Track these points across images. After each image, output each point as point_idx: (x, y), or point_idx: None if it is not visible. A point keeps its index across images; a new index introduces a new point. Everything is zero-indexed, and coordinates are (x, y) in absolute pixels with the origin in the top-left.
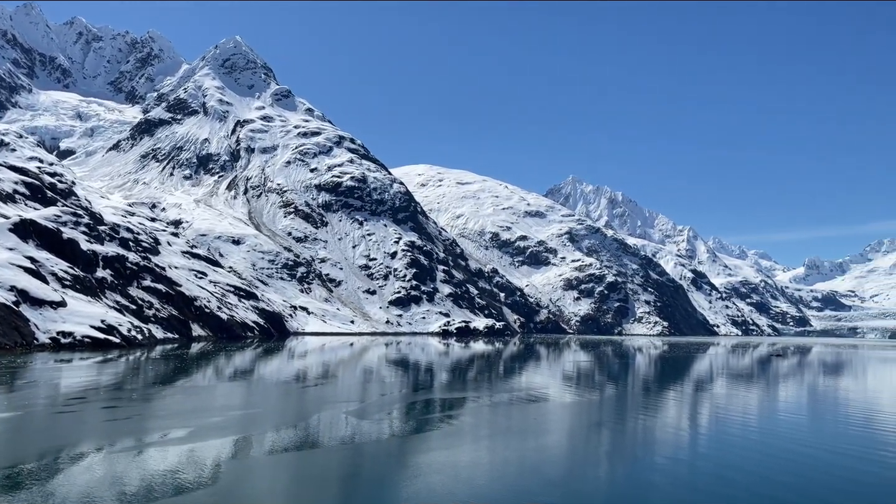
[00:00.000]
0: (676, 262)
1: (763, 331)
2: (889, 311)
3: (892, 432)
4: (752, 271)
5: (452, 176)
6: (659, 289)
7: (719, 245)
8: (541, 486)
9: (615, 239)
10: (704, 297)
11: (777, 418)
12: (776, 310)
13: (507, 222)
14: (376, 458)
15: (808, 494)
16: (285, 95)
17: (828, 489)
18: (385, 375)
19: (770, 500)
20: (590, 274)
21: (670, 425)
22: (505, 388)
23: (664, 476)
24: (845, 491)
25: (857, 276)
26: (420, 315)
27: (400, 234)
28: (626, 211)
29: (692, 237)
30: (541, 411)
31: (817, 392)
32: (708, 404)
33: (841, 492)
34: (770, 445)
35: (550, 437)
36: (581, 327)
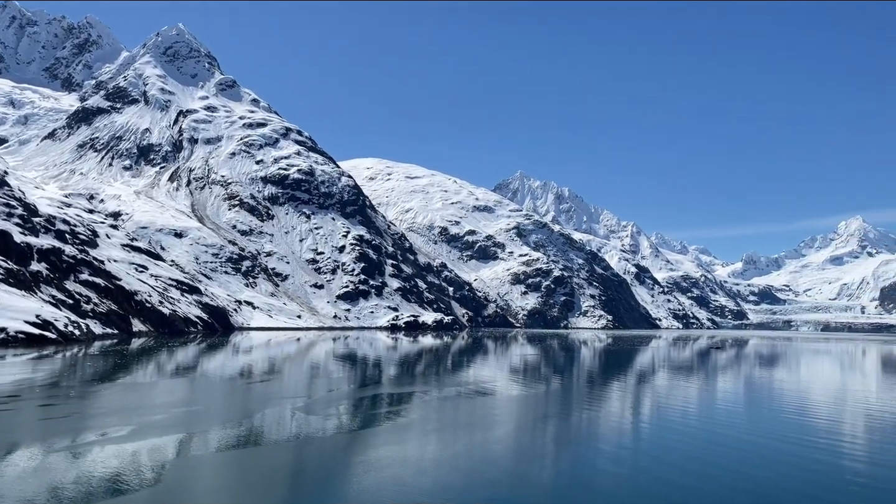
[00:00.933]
0: (621, 257)
1: (703, 324)
2: (821, 305)
3: (823, 420)
4: (693, 266)
5: (401, 170)
6: (604, 283)
7: (662, 240)
8: (488, 479)
9: (562, 234)
10: (647, 292)
11: (716, 409)
12: (715, 303)
13: (456, 217)
14: (323, 454)
15: (749, 481)
16: (230, 85)
17: (766, 473)
18: (333, 371)
19: (712, 489)
20: (537, 268)
21: (614, 417)
22: (453, 382)
23: (608, 468)
24: (783, 475)
25: (792, 271)
26: (368, 309)
27: (348, 227)
28: (573, 206)
29: (636, 233)
30: (488, 405)
31: (754, 383)
32: (650, 396)
33: (779, 475)
34: (710, 435)
35: (498, 431)
36: (528, 321)
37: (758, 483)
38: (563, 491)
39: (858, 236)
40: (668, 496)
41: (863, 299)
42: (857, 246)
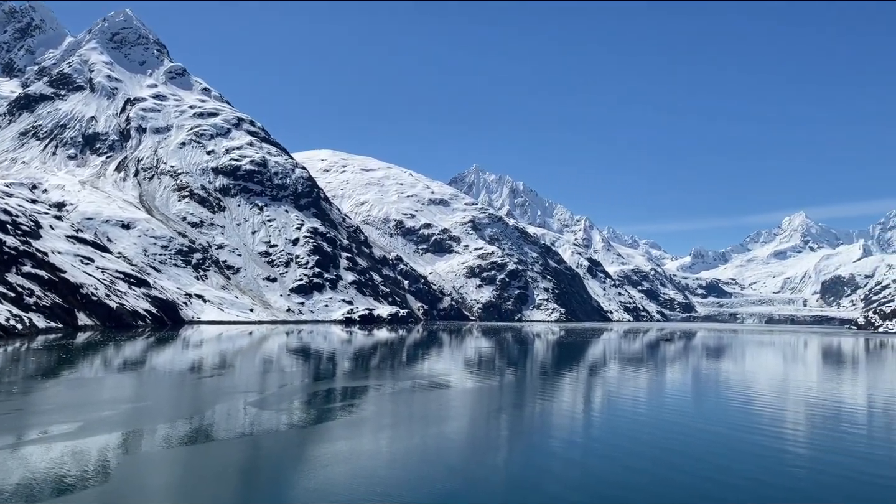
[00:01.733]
0: (574, 251)
1: (652, 317)
2: (765, 298)
3: (767, 408)
4: (644, 260)
5: (356, 162)
6: (557, 276)
7: (613, 235)
8: (442, 473)
9: (516, 228)
10: (599, 285)
11: (665, 398)
12: (665, 297)
13: (412, 210)
14: (277, 450)
15: (697, 465)
16: (180, 73)
17: (713, 458)
18: (286, 365)
19: (661, 474)
20: (492, 262)
21: (567, 407)
22: (408, 375)
23: (560, 458)
24: (729, 459)
25: (738, 265)
26: (323, 303)
27: (302, 220)
28: (527, 201)
29: (588, 227)
30: (444, 398)
31: (701, 373)
32: (602, 386)
33: (725, 459)
34: (660, 423)
35: (452, 424)
36: (483, 314)
37: (706, 466)
38: (518, 480)
39: (801, 232)
40: (619, 481)
41: (805, 293)
42: (799, 241)
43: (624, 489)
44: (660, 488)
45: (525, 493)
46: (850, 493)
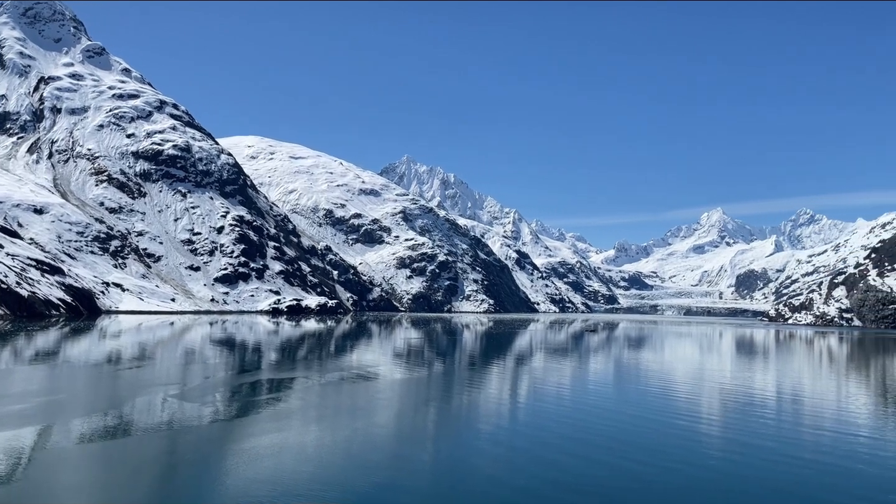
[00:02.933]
0: (503, 243)
1: (578, 308)
2: (684, 291)
3: (683, 397)
4: (570, 253)
5: (285, 149)
6: (486, 268)
7: (541, 228)
8: (369, 467)
9: (447, 219)
10: (527, 277)
11: (588, 388)
12: (589, 288)
13: (342, 199)
14: (199, 445)
15: (617, 455)
16: (98, 53)
17: (632, 447)
18: (209, 356)
19: (583, 462)
20: (422, 253)
21: (493, 398)
22: (336, 367)
23: (486, 448)
24: (646, 447)
25: (659, 259)
26: (249, 293)
27: (228, 207)
28: (458, 192)
29: (517, 219)
30: (372, 390)
31: (624, 363)
32: (528, 377)
33: (642, 448)
34: (583, 413)
35: (381, 416)
36: (413, 305)
37: (626, 457)
38: (443, 473)
39: (719, 227)
40: (543, 474)
41: (721, 286)
42: (717, 236)
43: (551, 476)
44: (585, 472)
45: (453, 483)
46: (760, 470)
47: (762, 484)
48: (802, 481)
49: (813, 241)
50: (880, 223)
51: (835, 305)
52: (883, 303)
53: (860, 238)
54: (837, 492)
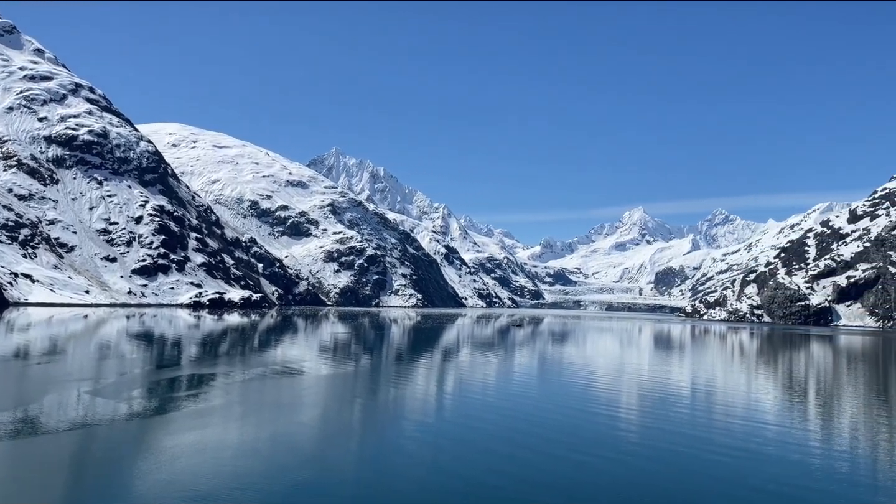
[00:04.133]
0: (432, 238)
1: (504, 303)
2: (606, 287)
3: (604, 389)
4: (498, 249)
5: (208, 138)
6: (415, 263)
7: (470, 223)
8: (292, 466)
9: (376, 213)
10: (455, 272)
11: (513, 383)
12: (516, 284)
13: (268, 191)
14: (114, 443)
15: (542, 450)
16: (9, 31)
17: (556, 439)
18: (126, 351)
19: (505, 456)
20: (351, 247)
21: (420, 395)
22: (259, 362)
23: (411, 448)
24: (570, 439)
25: (583, 256)
26: (168, 285)
27: (147, 196)
28: (388, 186)
29: (447, 215)
30: (296, 386)
31: (548, 358)
32: (455, 372)
33: (566, 440)
34: (508, 409)
35: (305, 414)
36: (340, 299)
37: (551, 449)
38: (368, 472)
39: (640, 226)
40: (468, 470)
41: (641, 282)
42: (638, 234)
43: (476, 472)
44: (509, 465)
45: (378, 481)
46: (670, 457)
47: (679, 469)
48: (716, 466)
49: (727, 241)
50: (789, 224)
51: (746, 302)
52: (790, 300)
53: (770, 238)
54: (747, 475)
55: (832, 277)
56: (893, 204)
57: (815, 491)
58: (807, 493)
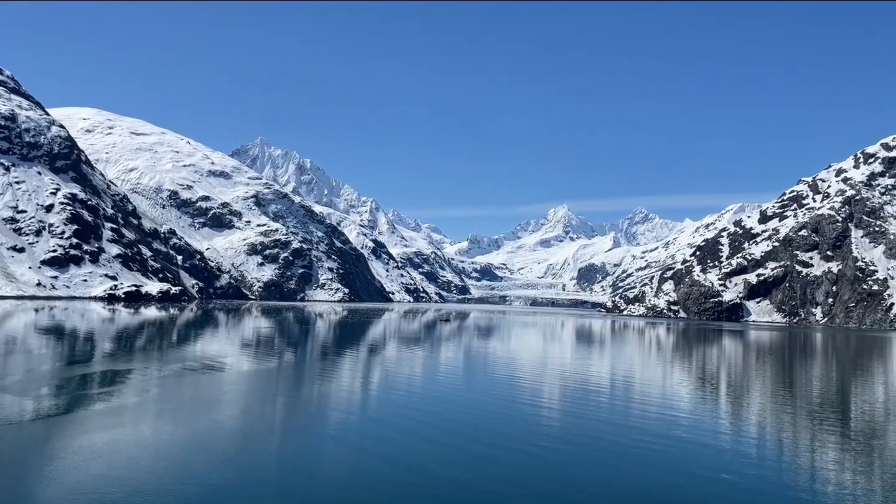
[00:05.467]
0: (359, 232)
1: (431, 298)
2: (531, 283)
3: (528, 382)
4: (425, 244)
5: (125, 124)
6: (342, 257)
7: (398, 218)
8: (212, 465)
9: (302, 206)
10: (383, 266)
11: (439, 377)
12: (443, 279)
13: (189, 180)
14: (20, 445)
15: (465, 445)
16: None
17: (480, 431)
18: (34, 346)
19: (429, 456)
20: (275, 240)
21: (345, 389)
22: (178, 357)
23: (335, 442)
24: (492, 431)
25: (509, 252)
26: (81, 277)
27: (58, 184)
28: (314, 179)
29: (375, 209)
30: (216, 382)
31: (473, 351)
32: (381, 367)
33: (489, 431)
34: (432, 403)
35: (225, 411)
36: (264, 293)
37: (475, 446)
38: (289, 474)
39: (564, 223)
40: (392, 464)
41: (564, 278)
42: (562, 231)
43: (401, 466)
44: (432, 458)
45: (300, 478)
46: (592, 446)
47: (599, 457)
48: (633, 455)
49: (647, 239)
50: (704, 224)
51: (664, 298)
52: (705, 296)
53: (687, 237)
54: (661, 462)
55: (743, 275)
56: (801, 206)
57: (729, 473)
58: (719, 477)
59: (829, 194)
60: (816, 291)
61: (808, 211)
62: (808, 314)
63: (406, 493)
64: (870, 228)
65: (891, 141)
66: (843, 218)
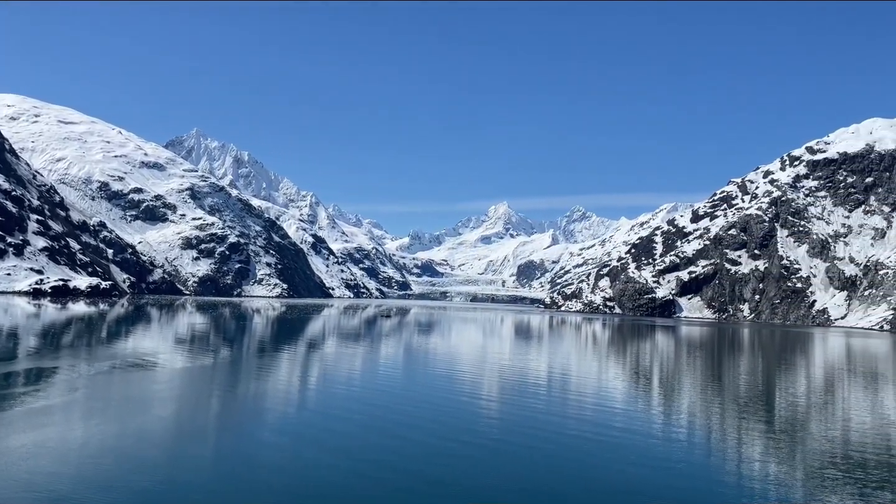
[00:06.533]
0: (299, 227)
1: (372, 294)
2: (472, 279)
3: (467, 377)
4: (366, 239)
5: (53, 112)
6: (281, 252)
7: (339, 213)
8: (143, 466)
9: (240, 199)
10: (323, 262)
11: (378, 373)
12: (384, 275)
13: (120, 172)
14: None
15: (402, 444)
16: None
17: (419, 426)
18: None
19: (367, 454)
20: (211, 234)
21: (283, 387)
22: (108, 354)
23: (272, 441)
24: (431, 426)
25: (450, 248)
26: (4, 271)
27: None
28: (252, 172)
29: (314, 203)
30: (149, 380)
31: (414, 347)
32: (319, 363)
33: (428, 425)
34: (371, 398)
35: (157, 410)
36: (199, 289)
37: (415, 440)
38: (224, 473)
39: (504, 220)
40: (330, 462)
41: (504, 274)
42: (502, 228)
43: (338, 464)
44: (371, 456)
45: (236, 479)
46: (530, 440)
47: (537, 450)
48: (570, 448)
49: (584, 236)
50: (639, 222)
51: (600, 294)
52: (639, 293)
53: (623, 235)
54: (597, 456)
55: (676, 273)
56: (730, 206)
57: (661, 462)
58: (653, 465)
59: (756, 195)
60: (744, 288)
61: (738, 211)
62: (736, 310)
63: (346, 486)
64: (794, 228)
65: (815, 144)
66: (769, 218)
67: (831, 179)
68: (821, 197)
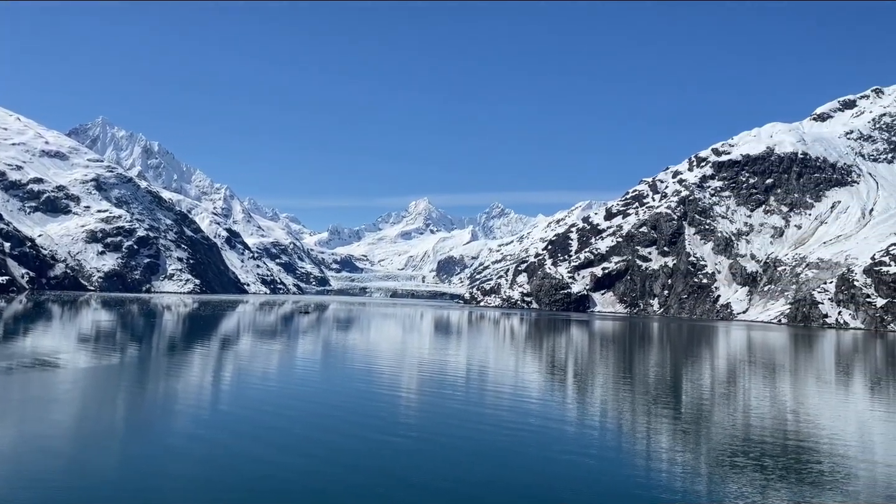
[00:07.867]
0: (212, 221)
1: (289, 289)
2: (392, 274)
3: (387, 374)
4: (284, 234)
5: None
6: (193, 246)
7: (254, 206)
8: (46, 469)
9: (149, 191)
10: (237, 257)
11: (294, 371)
12: (302, 270)
13: (19, 160)
14: None
15: (314, 444)
16: None
17: (338, 423)
18: None
19: (285, 455)
20: (118, 227)
21: (194, 388)
22: (5, 354)
23: (181, 445)
24: (351, 422)
25: (370, 243)
26: None
27: None
28: (163, 163)
29: (229, 196)
30: (49, 381)
31: (332, 344)
32: (232, 362)
33: (347, 422)
34: (286, 399)
35: (60, 411)
36: (105, 284)
37: (332, 437)
38: (132, 476)
39: (424, 216)
40: (243, 466)
41: (424, 270)
42: (423, 224)
43: (252, 469)
44: (287, 456)
45: (146, 483)
46: (452, 429)
47: (456, 443)
48: (487, 438)
49: (503, 233)
50: (555, 219)
51: (518, 290)
52: (556, 288)
53: (540, 231)
54: (514, 443)
55: (590, 269)
56: (642, 204)
57: (575, 454)
58: (567, 459)
59: (666, 194)
60: (654, 284)
61: (648, 209)
62: (646, 305)
63: (258, 487)
64: (701, 227)
65: (720, 146)
66: (678, 216)
67: (735, 180)
68: (725, 197)
